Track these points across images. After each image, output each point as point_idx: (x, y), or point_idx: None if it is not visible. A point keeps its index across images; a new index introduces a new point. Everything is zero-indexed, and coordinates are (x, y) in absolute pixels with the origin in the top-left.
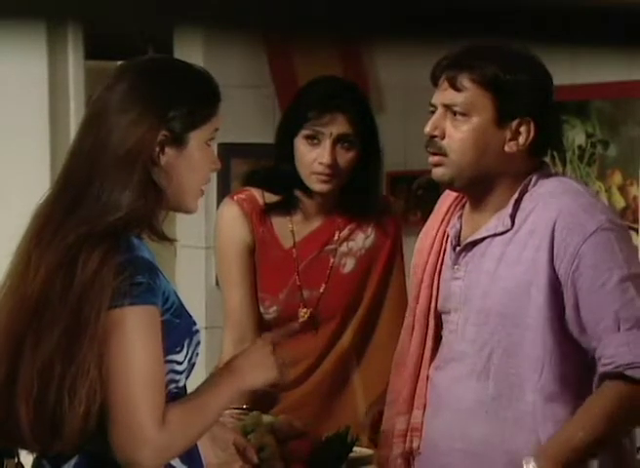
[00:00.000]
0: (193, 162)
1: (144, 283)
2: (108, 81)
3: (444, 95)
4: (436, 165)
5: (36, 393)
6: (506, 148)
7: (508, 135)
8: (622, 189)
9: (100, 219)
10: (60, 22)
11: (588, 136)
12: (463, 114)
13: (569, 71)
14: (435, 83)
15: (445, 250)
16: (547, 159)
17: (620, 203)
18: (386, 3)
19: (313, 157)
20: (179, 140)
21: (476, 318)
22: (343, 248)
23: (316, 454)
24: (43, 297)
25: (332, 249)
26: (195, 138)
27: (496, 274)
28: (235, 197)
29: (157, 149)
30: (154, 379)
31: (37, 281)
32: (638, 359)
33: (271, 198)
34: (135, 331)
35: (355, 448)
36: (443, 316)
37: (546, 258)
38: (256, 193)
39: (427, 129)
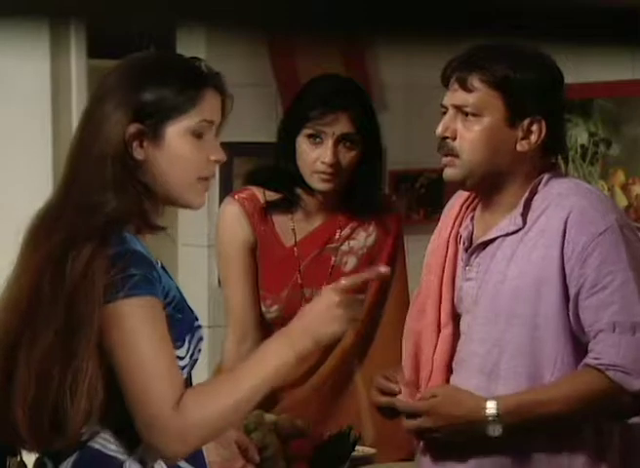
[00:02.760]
0: (172, 155)
1: (138, 274)
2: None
3: (455, 96)
4: (448, 165)
5: (34, 392)
6: (518, 147)
7: (520, 134)
8: (625, 188)
9: (84, 221)
10: (63, 21)
11: (591, 134)
12: (475, 114)
13: (572, 70)
14: (446, 84)
15: (458, 251)
16: (552, 159)
17: (622, 202)
18: (389, 1)
19: (315, 156)
20: (153, 134)
21: (486, 318)
22: (345, 246)
23: (318, 453)
24: (34, 297)
25: (333, 247)
26: (173, 130)
27: (506, 274)
28: (236, 196)
29: (134, 144)
30: (165, 367)
31: (27, 280)
32: (623, 363)
33: (272, 197)
34: (134, 322)
35: (357, 448)
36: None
37: (558, 257)
38: (257, 192)
39: (439, 130)
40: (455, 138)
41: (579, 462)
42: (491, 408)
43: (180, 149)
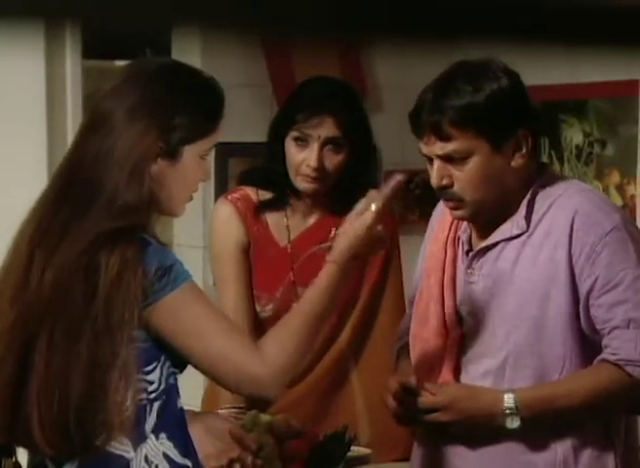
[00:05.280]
0: (184, 174)
1: (173, 265)
2: (115, 84)
3: (435, 147)
4: (455, 209)
5: (55, 397)
6: (513, 164)
7: (510, 152)
8: (620, 188)
9: (112, 224)
10: (58, 22)
11: (586, 135)
12: (462, 158)
13: (567, 70)
14: (417, 134)
15: (457, 254)
16: (545, 158)
17: (617, 202)
18: (385, 2)
19: (301, 159)
20: (171, 153)
21: (492, 320)
22: None
23: (314, 454)
24: (57, 302)
25: (327, 246)
26: (189, 152)
27: (512, 276)
28: (229, 196)
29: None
30: (230, 330)
31: (46, 285)
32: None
33: (265, 196)
34: (189, 310)
35: (353, 448)
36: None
37: (565, 258)
38: (250, 192)
39: (435, 182)
40: (452, 185)
41: (585, 455)
42: (509, 400)
43: (190, 169)
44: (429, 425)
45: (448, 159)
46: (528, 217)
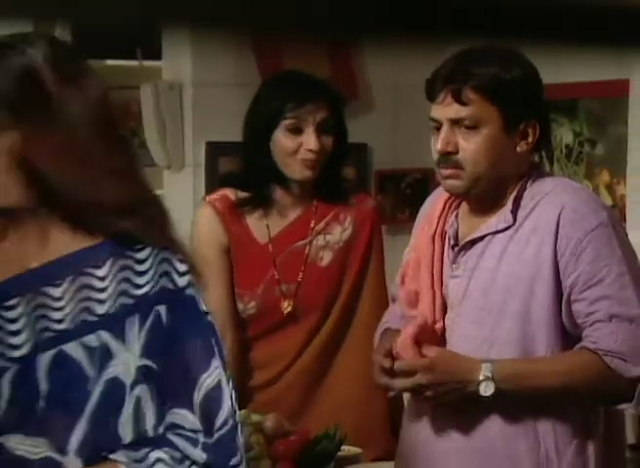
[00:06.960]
0: None
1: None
2: None
3: (449, 109)
4: (451, 177)
5: None
6: (518, 149)
7: (518, 138)
8: (610, 188)
9: None
10: (48, 22)
11: (576, 134)
12: (472, 127)
13: (557, 70)
14: (432, 96)
15: (443, 248)
16: (536, 158)
17: (607, 202)
18: (378, 2)
19: (297, 145)
20: None
21: (476, 315)
22: (320, 241)
23: (304, 453)
24: None
25: (308, 242)
26: None
27: (497, 271)
28: (208, 198)
29: None
30: None
31: None
32: (620, 349)
33: (244, 196)
34: None
35: (343, 447)
36: None
37: (550, 254)
38: (229, 193)
39: (440, 147)
40: (457, 152)
41: (568, 451)
42: (486, 369)
43: None
44: (408, 392)
45: (458, 125)
46: (514, 212)
